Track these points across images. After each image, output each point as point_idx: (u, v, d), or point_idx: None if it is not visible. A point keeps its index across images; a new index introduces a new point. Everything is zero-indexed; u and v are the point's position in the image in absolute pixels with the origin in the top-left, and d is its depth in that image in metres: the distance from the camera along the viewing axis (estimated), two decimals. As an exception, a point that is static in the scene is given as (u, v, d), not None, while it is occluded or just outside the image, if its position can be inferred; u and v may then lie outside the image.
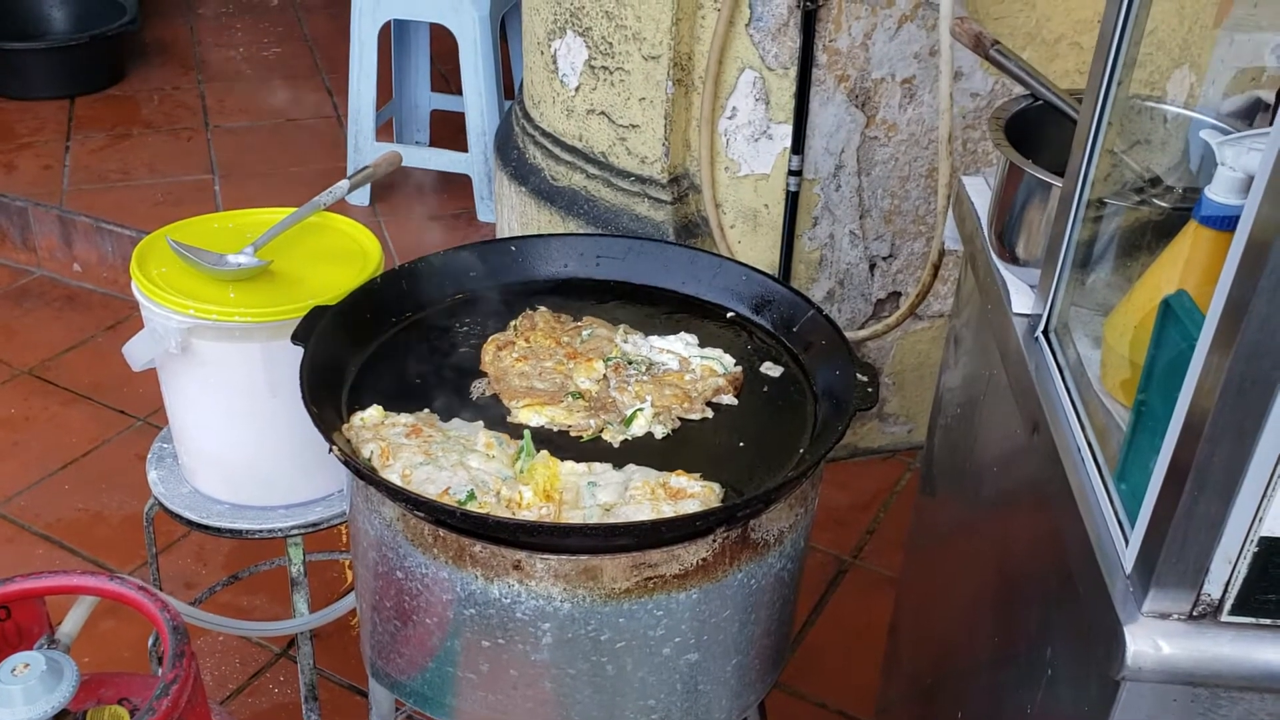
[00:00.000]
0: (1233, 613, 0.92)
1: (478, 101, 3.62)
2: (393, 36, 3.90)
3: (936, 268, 2.46)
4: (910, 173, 2.59)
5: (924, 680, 1.70)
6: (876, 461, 2.96)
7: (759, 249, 2.65)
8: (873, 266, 2.72)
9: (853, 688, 2.33)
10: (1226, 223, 1.04)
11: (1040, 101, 1.46)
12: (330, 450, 1.30)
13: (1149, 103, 1.43)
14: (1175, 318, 0.96)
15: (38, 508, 2.74)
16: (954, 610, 1.59)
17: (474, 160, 3.70)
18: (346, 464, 1.29)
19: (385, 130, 4.01)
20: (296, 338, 1.45)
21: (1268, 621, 0.92)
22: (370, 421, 1.39)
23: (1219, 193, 1.06)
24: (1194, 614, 0.93)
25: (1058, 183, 1.25)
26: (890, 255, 2.70)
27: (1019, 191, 1.33)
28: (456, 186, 3.87)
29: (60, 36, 4.68)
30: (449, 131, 4.06)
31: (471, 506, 1.27)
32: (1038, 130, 1.44)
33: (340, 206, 1.95)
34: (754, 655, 1.42)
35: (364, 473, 1.27)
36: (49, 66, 4.47)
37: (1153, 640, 0.92)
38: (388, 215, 3.78)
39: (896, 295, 2.76)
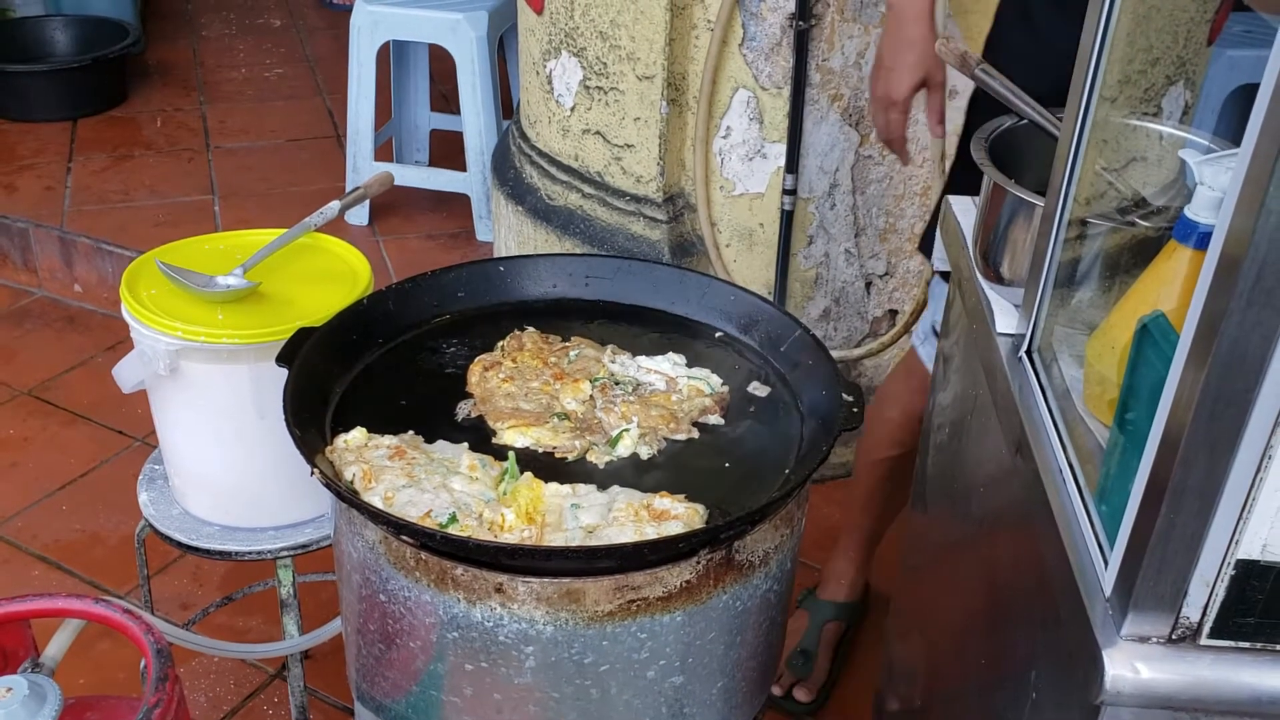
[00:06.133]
0: (1211, 636, 0.91)
1: (476, 121, 3.63)
2: (392, 57, 3.91)
3: (931, 286, 2.46)
4: (905, 191, 2.59)
5: (915, 701, 1.69)
6: (875, 480, 2.94)
7: (754, 268, 2.65)
8: (869, 285, 2.71)
9: (848, 708, 2.31)
10: (1205, 241, 1.03)
11: (1025, 120, 1.45)
12: (312, 474, 1.30)
13: (1143, 121, 1.43)
14: (1152, 339, 0.96)
15: (35, 528, 2.74)
16: (944, 630, 1.58)
17: (472, 179, 3.70)
18: (328, 487, 1.28)
19: (385, 150, 4.02)
20: (281, 359, 1.45)
21: (1246, 645, 0.91)
22: (354, 444, 1.38)
23: (1198, 212, 1.05)
24: (1173, 637, 0.92)
25: (1039, 202, 1.25)
26: (886, 273, 2.70)
27: (1003, 211, 1.33)
28: (455, 206, 3.88)
29: (63, 59, 4.70)
30: (448, 151, 4.07)
31: (453, 529, 1.26)
32: (1023, 150, 1.44)
33: (339, 226, 1.96)
34: (740, 678, 1.41)
35: (345, 495, 1.27)
36: (51, 88, 4.50)
37: (1131, 664, 0.91)
38: (387, 235, 3.79)
39: (893, 313, 2.75)
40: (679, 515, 1.29)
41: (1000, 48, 1.80)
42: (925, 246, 2.05)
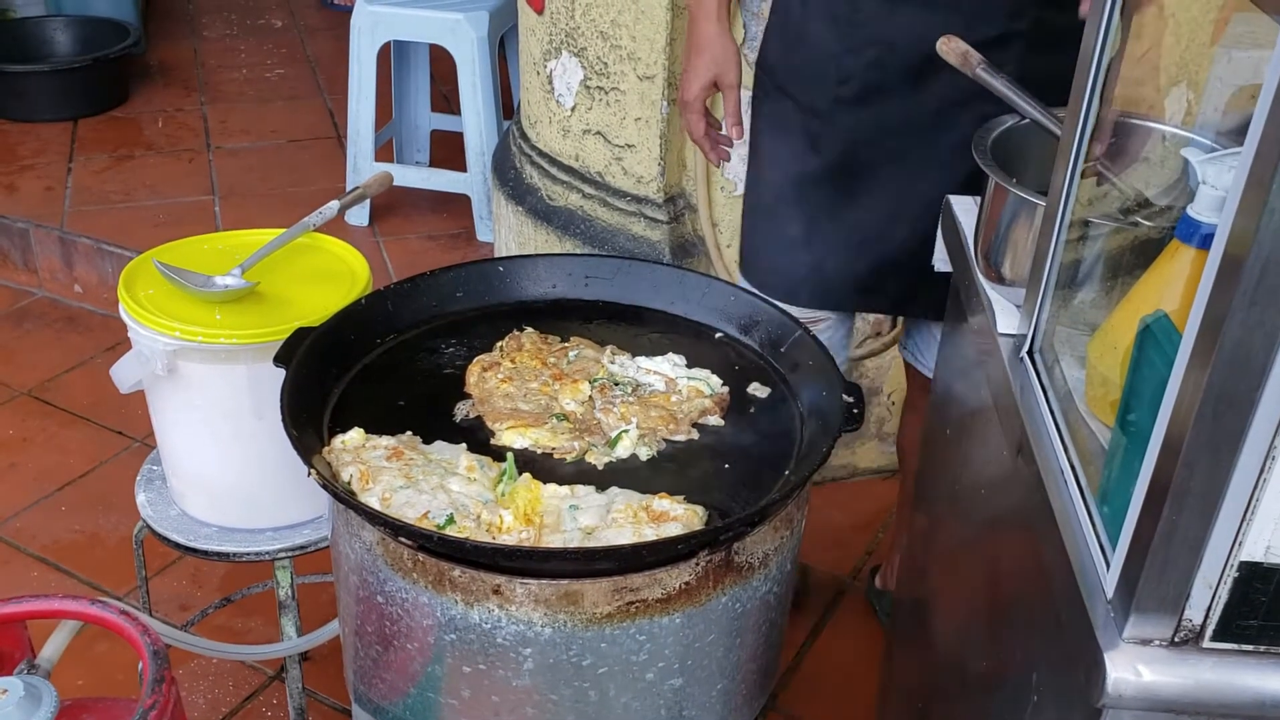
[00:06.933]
0: (1214, 639, 0.90)
1: (476, 121, 3.62)
2: (392, 57, 3.90)
3: (933, 286, 2.45)
4: (907, 191, 2.57)
5: (917, 703, 1.68)
6: (876, 481, 2.94)
7: (755, 268, 2.64)
8: (870, 285, 2.70)
9: (851, 710, 2.30)
10: (1208, 241, 1.03)
11: (1027, 120, 1.44)
12: (309, 474, 1.29)
13: (1146, 122, 1.42)
14: (1154, 340, 0.95)
15: (34, 529, 2.73)
16: (946, 632, 1.57)
17: (473, 180, 3.70)
18: (325, 488, 1.28)
19: (386, 150, 4.01)
20: (279, 359, 1.45)
21: (1249, 648, 0.90)
22: (351, 444, 1.37)
23: (1201, 211, 1.05)
24: (1175, 640, 0.91)
25: (1041, 202, 1.24)
26: (888, 274, 2.69)
27: (1004, 211, 1.32)
28: (456, 206, 3.87)
29: (64, 59, 4.69)
30: (449, 151, 4.07)
31: (451, 530, 1.26)
32: (1025, 149, 1.43)
33: (340, 227, 1.95)
34: (740, 680, 1.40)
35: (342, 496, 1.26)
36: (52, 89, 4.49)
37: (1133, 667, 0.90)
38: (387, 235, 3.78)
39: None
40: (678, 517, 1.28)
41: (769, 43, 1.85)
42: (746, 267, 1.99)
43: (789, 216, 1.84)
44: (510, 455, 1.40)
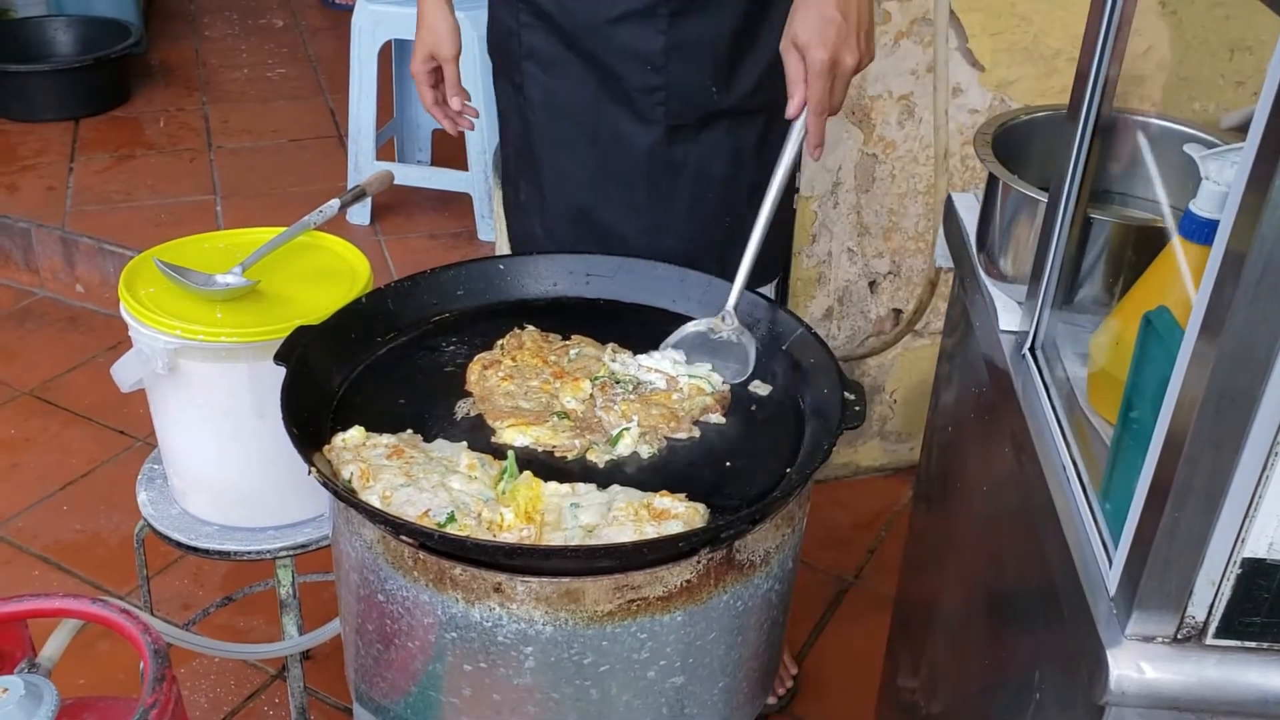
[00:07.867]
0: (1217, 636, 0.90)
1: (478, 120, 3.61)
2: (393, 56, 3.90)
3: (934, 285, 2.45)
4: (909, 189, 2.57)
5: (918, 702, 1.68)
6: (878, 480, 2.94)
7: (757, 266, 2.63)
8: (873, 284, 2.70)
9: (852, 709, 2.30)
10: (1210, 236, 1.02)
11: (1031, 116, 1.44)
12: (310, 472, 1.29)
13: (1148, 119, 1.42)
14: (1156, 335, 0.95)
15: (36, 529, 2.73)
16: (947, 631, 1.56)
17: (474, 179, 3.69)
18: (325, 486, 1.28)
19: (388, 149, 4.01)
20: (279, 358, 1.44)
21: (1253, 644, 0.90)
22: (351, 442, 1.37)
23: (1203, 207, 1.05)
24: (1178, 637, 0.91)
25: (1042, 198, 1.24)
26: (891, 272, 2.69)
27: (1005, 207, 1.32)
28: (458, 205, 3.87)
29: (65, 59, 4.69)
30: (451, 150, 4.06)
31: (451, 528, 1.25)
32: (1029, 145, 1.42)
33: (341, 226, 1.95)
34: (742, 678, 1.40)
35: (343, 495, 1.26)
36: (53, 89, 4.49)
37: (1136, 664, 0.90)
38: (389, 234, 3.78)
39: (899, 312, 2.74)
40: (679, 514, 1.28)
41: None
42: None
43: (515, 184, 1.96)
44: (511, 453, 1.40)
